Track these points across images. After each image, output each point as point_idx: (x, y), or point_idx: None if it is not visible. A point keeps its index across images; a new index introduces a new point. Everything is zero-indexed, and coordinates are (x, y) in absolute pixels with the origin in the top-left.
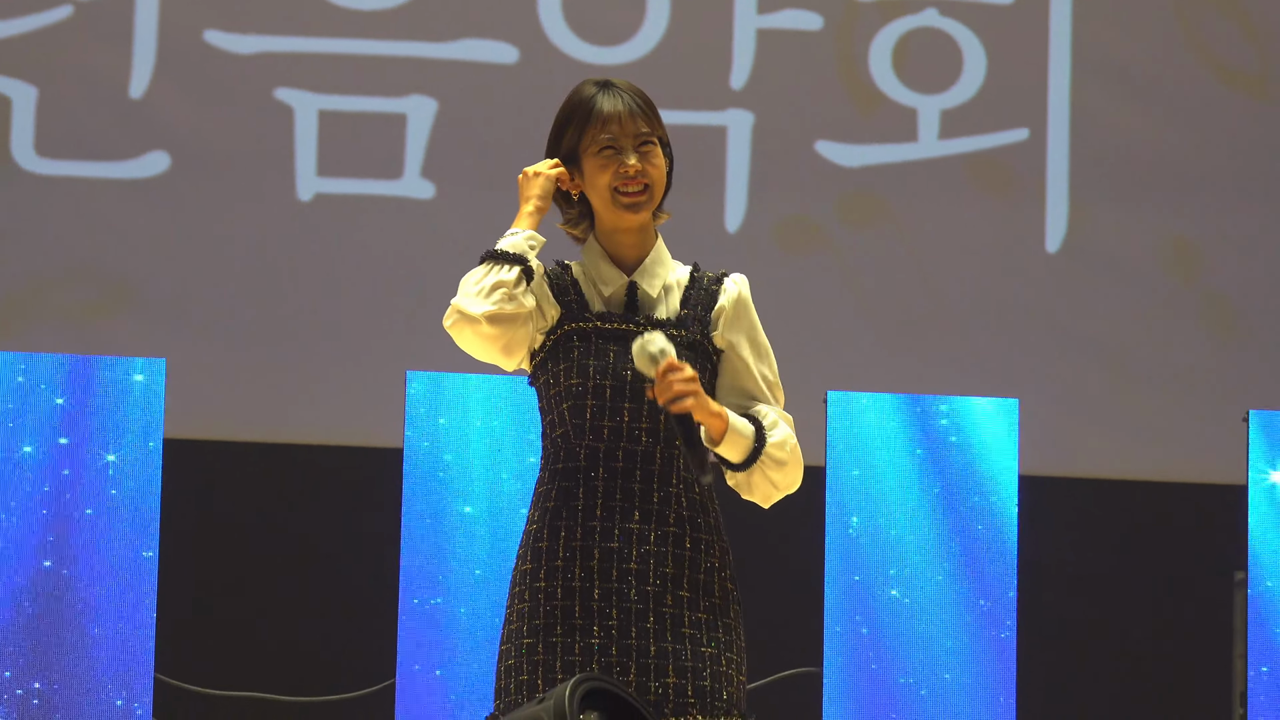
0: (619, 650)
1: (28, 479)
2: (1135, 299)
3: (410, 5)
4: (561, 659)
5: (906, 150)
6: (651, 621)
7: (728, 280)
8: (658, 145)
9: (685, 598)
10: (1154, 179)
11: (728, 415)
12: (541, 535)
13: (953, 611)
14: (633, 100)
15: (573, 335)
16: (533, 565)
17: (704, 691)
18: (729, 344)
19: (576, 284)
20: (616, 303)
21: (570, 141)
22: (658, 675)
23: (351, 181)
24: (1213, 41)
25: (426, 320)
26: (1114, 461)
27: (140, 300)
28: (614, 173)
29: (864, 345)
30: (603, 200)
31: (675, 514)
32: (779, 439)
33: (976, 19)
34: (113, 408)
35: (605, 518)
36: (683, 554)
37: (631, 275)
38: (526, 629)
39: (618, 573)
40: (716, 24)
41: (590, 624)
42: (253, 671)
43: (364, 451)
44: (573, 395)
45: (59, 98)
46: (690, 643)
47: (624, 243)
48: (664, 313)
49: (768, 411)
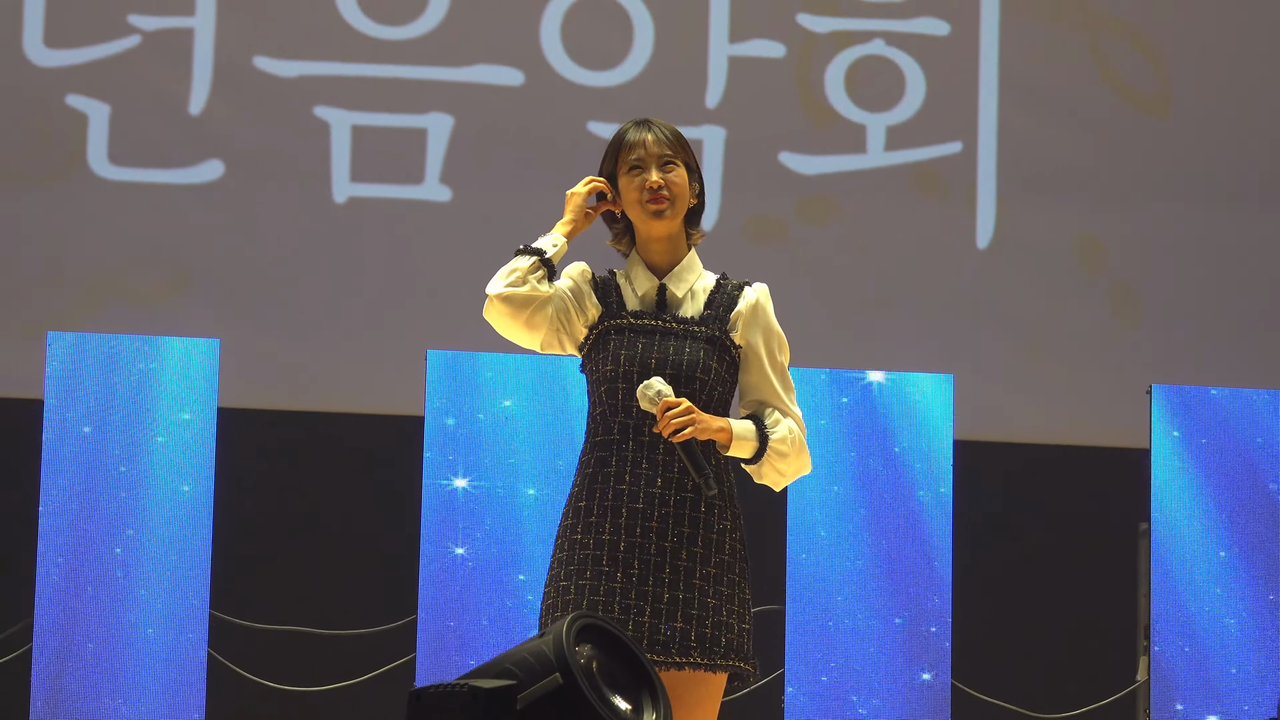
0: (637, 595)
1: (106, 443)
2: (1052, 287)
3: (430, 35)
4: (589, 599)
5: (856, 160)
6: (667, 572)
7: (749, 288)
8: (681, 166)
9: (699, 554)
10: (1068, 185)
11: (731, 426)
12: (581, 496)
13: (898, 560)
14: (659, 130)
15: (610, 330)
16: (571, 520)
17: (705, 638)
18: (747, 343)
19: (618, 288)
20: (649, 302)
21: (608, 167)
22: (668, 619)
23: (380, 187)
24: (1120, 67)
25: (445, 305)
26: (1036, 428)
27: (199, 288)
28: (640, 186)
29: (819, 327)
30: (633, 210)
31: (691, 481)
32: (779, 435)
33: (917, 48)
34: (175, 380)
35: (633, 482)
36: (698, 516)
37: (663, 279)
38: (563, 574)
39: (641, 529)
40: (693, 51)
41: (615, 571)
42: (294, 608)
43: (389, 419)
44: (608, 380)
45: (128, 114)
46: (699, 593)
47: (657, 250)
48: (689, 311)
49: (771, 412)
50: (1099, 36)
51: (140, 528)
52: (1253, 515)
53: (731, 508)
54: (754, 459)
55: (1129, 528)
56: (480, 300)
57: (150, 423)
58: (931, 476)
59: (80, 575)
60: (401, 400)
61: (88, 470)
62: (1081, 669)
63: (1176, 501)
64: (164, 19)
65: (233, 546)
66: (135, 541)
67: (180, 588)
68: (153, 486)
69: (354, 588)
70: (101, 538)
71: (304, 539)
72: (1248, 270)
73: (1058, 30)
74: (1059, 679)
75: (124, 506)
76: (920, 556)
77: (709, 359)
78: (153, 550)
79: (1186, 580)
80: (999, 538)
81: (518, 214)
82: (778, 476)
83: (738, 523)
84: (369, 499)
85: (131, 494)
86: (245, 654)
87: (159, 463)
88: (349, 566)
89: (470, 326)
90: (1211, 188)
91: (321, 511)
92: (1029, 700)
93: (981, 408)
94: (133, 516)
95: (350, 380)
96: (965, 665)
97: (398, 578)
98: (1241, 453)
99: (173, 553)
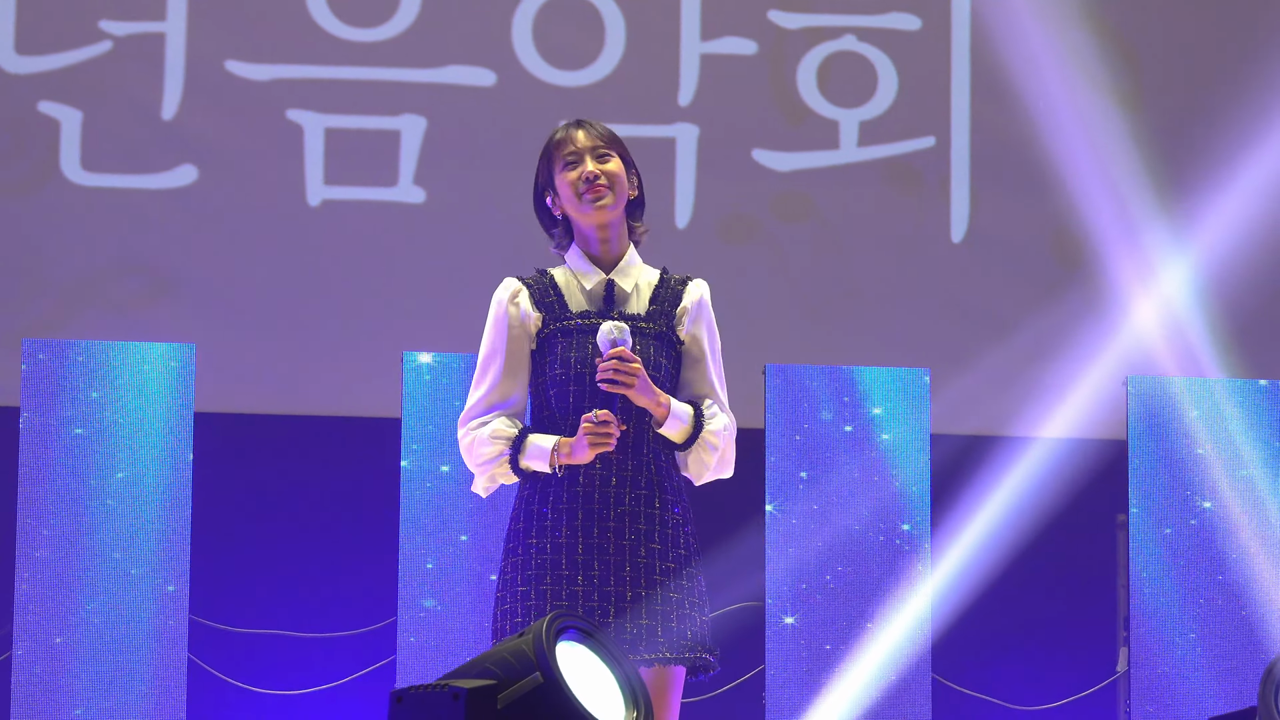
0: (600, 596)
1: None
2: (1027, 281)
3: (402, 37)
4: (551, 603)
5: (830, 156)
6: (628, 570)
7: (691, 284)
8: (617, 157)
9: (656, 549)
10: (1042, 179)
11: (671, 404)
12: (534, 499)
13: (878, 549)
14: (590, 126)
15: (556, 333)
16: (525, 524)
17: (671, 632)
18: (691, 338)
19: (556, 287)
20: (596, 298)
21: (545, 170)
22: (633, 618)
23: (353, 189)
24: (1093, 61)
25: (420, 307)
26: (1012, 421)
27: (174, 293)
28: (577, 179)
29: (795, 323)
30: (572, 203)
31: (646, 478)
32: (714, 427)
33: (889, 43)
34: (151, 386)
35: (587, 484)
36: (653, 512)
37: (609, 274)
38: (520, 579)
39: (599, 530)
40: (665, 50)
41: (575, 574)
42: (274, 612)
43: (366, 421)
44: (558, 383)
45: (101, 120)
46: (660, 588)
47: (600, 240)
48: (635, 307)
49: (710, 404)
50: (1071, 29)
51: (118, 533)
52: (1229, 504)
53: (683, 501)
54: (685, 445)
55: (1106, 519)
56: (456, 302)
57: (127, 428)
58: (908, 468)
59: (59, 582)
60: (378, 402)
61: (65, 476)
62: (1062, 661)
63: (1153, 493)
64: (135, 24)
65: (212, 551)
66: (114, 547)
67: (160, 593)
68: (131, 492)
69: (333, 591)
70: (79, 544)
71: (283, 543)
72: (1221, 263)
73: (1029, 23)
74: (1039, 671)
75: (101, 512)
76: (896, 549)
77: (659, 355)
78: (131, 555)
79: (1165, 571)
80: (976, 531)
81: (492, 214)
82: (701, 468)
83: (688, 515)
84: (347, 502)
85: (109, 499)
86: (226, 659)
87: (137, 468)
88: (328, 570)
89: (446, 327)
90: (1185, 181)
91: (300, 515)
92: (1009, 693)
93: (957, 401)
94: (111, 522)
95: (327, 383)
96: (945, 659)
97: (377, 580)
98: (1216, 442)
99: (152, 558)
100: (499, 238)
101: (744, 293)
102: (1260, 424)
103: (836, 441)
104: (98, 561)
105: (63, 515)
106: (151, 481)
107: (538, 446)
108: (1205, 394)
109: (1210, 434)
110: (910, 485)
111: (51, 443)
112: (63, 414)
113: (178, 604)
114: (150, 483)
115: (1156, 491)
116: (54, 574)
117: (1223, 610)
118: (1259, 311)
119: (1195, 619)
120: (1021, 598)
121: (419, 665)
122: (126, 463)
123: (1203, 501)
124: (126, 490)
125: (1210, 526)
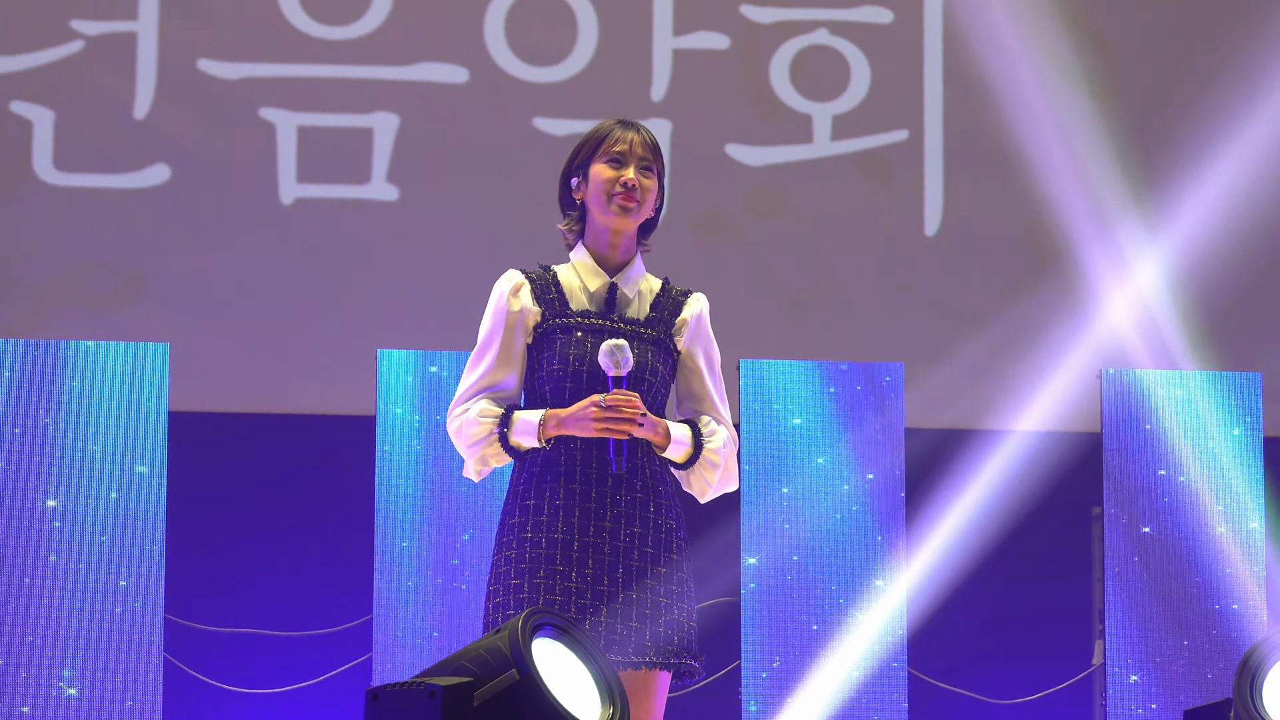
0: (593, 594)
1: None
2: (1001, 274)
3: (374, 34)
4: (544, 598)
5: (803, 150)
6: (621, 572)
7: (692, 297)
8: (655, 178)
9: (650, 553)
10: (1015, 172)
11: (670, 431)
12: (529, 494)
13: (855, 545)
14: (646, 134)
15: (556, 329)
16: (520, 519)
17: (659, 637)
18: (689, 352)
19: (558, 284)
20: (598, 299)
21: (585, 153)
22: (623, 619)
23: (326, 187)
24: (1066, 53)
25: (395, 304)
26: (986, 414)
27: (147, 292)
28: (615, 179)
29: (770, 319)
30: (599, 199)
31: (641, 481)
32: (714, 445)
33: (861, 37)
34: (125, 385)
35: (584, 481)
36: (647, 516)
37: (613, 278)
38: (513, 572)
39: (594, 528)
40: (638, 45)
41: (569, 570)
42: (249, 611)
43: (342, 419)
44: (555, 379)
45: (73, 119)
46: (651, 592)
47: (610, 244)
48: (636, 313)
49: (709, 421)
50: (1043, 21)
51: (93, 533)
52: (1202, 496)
53: (675, 505)
54: (686, 465)
55: (1083, 512)
56: (431, 298)
57: (101, 428)
58: (884, 463)
59: (31, 582)
60: (353, 400)
61: (39, 477)
62: (1038, 654)
63: (1128, 485)
64: (107, 23)
65: (187, 550)
66: (88, 547)
67: (135, 593)
68: (105, 492)
69: (309, 589)
70: (54, 544)
71: (258, 541)
72: (1194, 256)
73: (1001, 16)
74: (1015, 664)
75: (76, 512)
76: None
77: (656, 361)
78: (106, 555)
79: (1140, 564)
80: (952, 525)
81: (465, 211)
82: (704, 486)
83: (681, 520)
84: (322, 500)
85: (84, 500)
86: (202, 658)
87: (111, 468)
88: (303, 568)
89: (421, 324)
90: (1158, 174)
91: (275, 513)
92: (986, 687)
93: (932, 394)
94: (85, 522)
95: (301, 381)
96: (922, 653)
97: (352, 578)
98: (1190, 434)
99: (127, 558)
100: (473, 234)
101: (717, 289)
102: (1233, 416)
103: (811, 435)
104: (72, 563)
105: (35, 516)
106: (126, 481)
107: (525, 421)
108: (1179, 386)
109: (1184, 426)
110: (885, 480)
111: (25, 443)
112: (36, 414)
113: (153, 604)
114: (125, 483)
115: (1131, 484)
116: (24, 575)
117: (1197, 602)
118: (1232, 304)
119: (1170, 611)
120: (997, 591)
121: (395, 663)
122: (100, 463)
123: (1177, 494)
124: (100, 491)
125: (1184, 519)
